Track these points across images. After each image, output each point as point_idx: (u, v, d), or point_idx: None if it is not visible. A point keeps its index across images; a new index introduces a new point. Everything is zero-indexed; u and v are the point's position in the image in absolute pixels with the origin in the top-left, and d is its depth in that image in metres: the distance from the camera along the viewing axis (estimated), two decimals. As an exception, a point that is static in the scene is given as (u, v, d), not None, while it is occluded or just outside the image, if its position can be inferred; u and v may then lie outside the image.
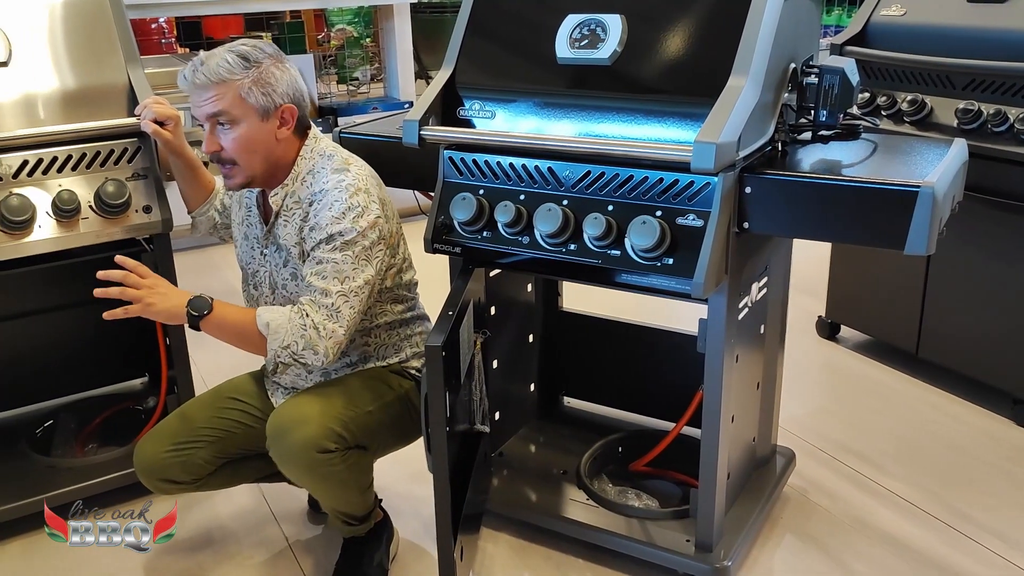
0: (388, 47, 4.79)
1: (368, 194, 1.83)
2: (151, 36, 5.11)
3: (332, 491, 1.91)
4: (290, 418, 1.79)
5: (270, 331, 1.77)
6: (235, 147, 1.81)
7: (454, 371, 1.84)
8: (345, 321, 1.79)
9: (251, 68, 1.78)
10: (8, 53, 2.10)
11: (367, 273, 1.81)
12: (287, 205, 1.89)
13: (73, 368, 2.74)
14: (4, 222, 2.03)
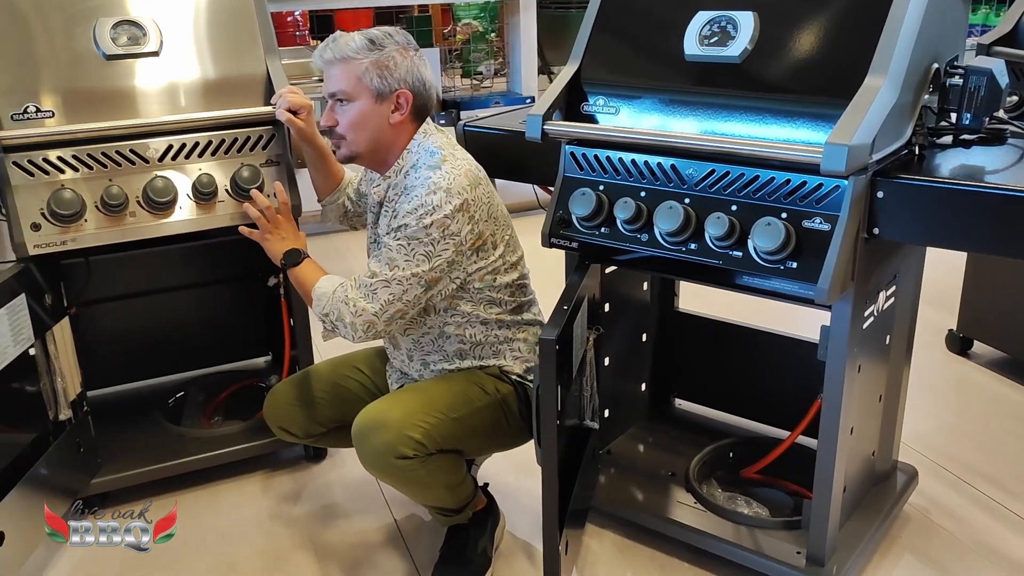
0: (512, 42, 4.83)
1: (448, 193, 1.82)
2: (286, 28, 5.30)
3: (418, 491, 1.96)
4: (371, 422, 1.84)
5: (315, 296, 1.89)
6: (347, 123, 1.91)
7: (566, 366, 1.84)
8: (379, 303, 1.82)
9: (374, 51, 1.86)
10: (160, 44, 2.22)
11: (420, 267, 1.83)
12: (389, 196, 1.95)
13: (204, 344, 2.89)
14: (149, 202, 2.16)
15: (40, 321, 2.15)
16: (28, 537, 2.07)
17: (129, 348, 2.78)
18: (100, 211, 2.13)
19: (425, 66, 1.94)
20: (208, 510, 2.41)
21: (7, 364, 2.00)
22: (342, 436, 2.13)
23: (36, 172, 2.07)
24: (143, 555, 2.22)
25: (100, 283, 2.47)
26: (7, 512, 1.96)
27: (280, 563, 2.19)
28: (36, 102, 2.09)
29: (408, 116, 1.91)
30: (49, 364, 2.22)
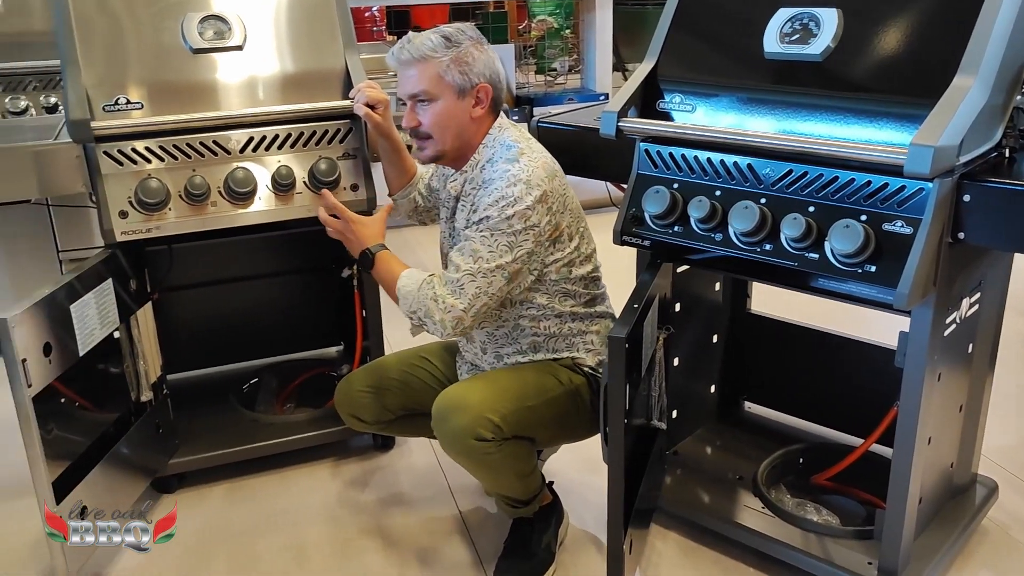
0: (588, 39, 4.81)
1: (527, 185, 1.83)
2: (363, 24, 5.38)
3: (490, 476, 1.98)
4: (452, 403, 1.86)
5: (401, 295, 1.90)
6: (431, 122, 1.92)
7: (636, 365, 1.83)
8: (467, 298, 1.83)
9: (451, 48, 1.88)
10: (244, 38, 2.28)
11: (503, 259, 1.84)
12: (466, 191, 1.97)
13: (278, 332, 2.95)
14: (230, 192, 2.22)
15: (125, 305, 2.23)
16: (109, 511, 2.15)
17: (207, 334, 2.86)
18: (183, 200, 2.20)
19: (496, 59, 1.96)
20: (279, 494, 2.47)
21: (94, 346, 2.08)
22: (411, 425, 2.17)
23: (125, 161, 2.15)
24: (215, 535, 2.29)
25: (181, 270, 2.54)
26: (90, 487, 2.04)
27: (347, 548, 2.23)
28: (126, 94, 2.17)
29: (487, 109, 1.94)
30: (132, 347, 2.31)
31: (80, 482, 2.02)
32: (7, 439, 2.62)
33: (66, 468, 1.99)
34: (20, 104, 3.12)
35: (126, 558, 2.21)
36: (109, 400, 2.27)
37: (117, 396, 2.29)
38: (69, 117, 2.08)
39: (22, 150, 2.24)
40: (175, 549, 2.23)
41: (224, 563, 2.19)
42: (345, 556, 2.20)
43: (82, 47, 2.14)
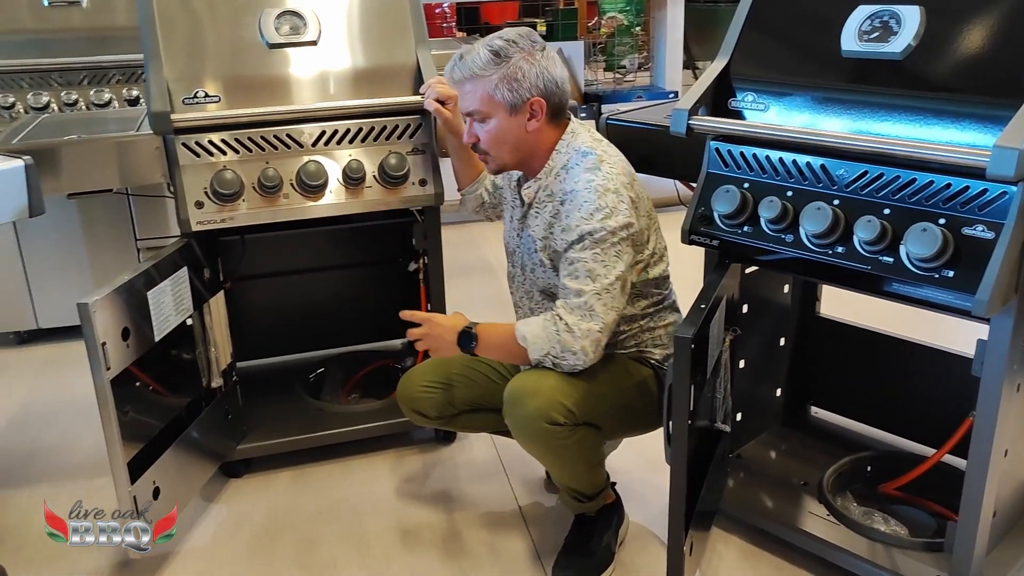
0: (658, 36, 4.77)
1: (618, 194, 1.83)
2: (433, 20, 5.42)
3: (560, 463, 1.96)
4: (524, 388, 1.86)
5: (528, 344, 1.85)
6: (487, 140, 1.92)
7: (701, 366, 1.82)
8: (600, 319, 1.82)
9: (500, 64, 1.85)
10: (318, 34, 2.32)
11: (618, 269, 1.83)
12: (539, 198, 1.96)
13: (345, 323, 3.00)
14: (302, 185, 2.26)
15: (199, 293, 2.29)
16: (180, 493, 2.22)
17: (276, 323, 2.92)
18: (256, 192, 2.25)
19: (554, 63, 1.90)
20: (342, 483, 2.51)
21: (168, 332, 2.14)
22: (473, 420, 2.18)
23: (201, 153, 2.21)
24: (280, 519, 2.34)
25: (253, 260, 2.60)
26: (163, 469, 2.11)
27: (407, 539, 2.26)
28: (204, 87, 2.23)
29: (544, 120, 1.91)
30: (205, 334, 2.37)
31: (153, 464, 2.08)
32: (86, 420, 2.74)
33: (140, 450, 2.06)
34: (104, 96, 3.23)
35: (196, 537, 2.27)
36: (181, 385, 2.33)
37: (189, 382, 2.36)
38: (150, 109, 2.15)
39: (106, 141, 2.32)
40: (244, 531, 2.29)
41: (289, 547, 2.24)
42: (404, 546, 2.23)
43: (164, 42, 2.21)
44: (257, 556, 2.21)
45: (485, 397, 2.14)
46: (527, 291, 2.08)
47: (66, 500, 2.43)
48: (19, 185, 1.99)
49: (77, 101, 3.22)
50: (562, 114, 1.95)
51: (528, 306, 2.09)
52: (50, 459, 2.68)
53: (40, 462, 2.67)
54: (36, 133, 2.42)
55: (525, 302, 2.09)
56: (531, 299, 2.07)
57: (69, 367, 3.24)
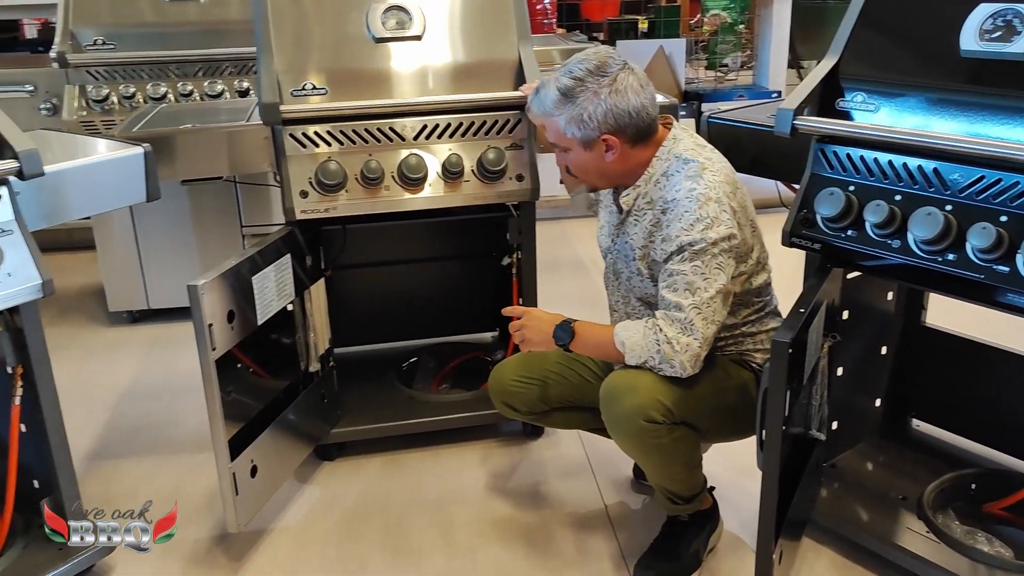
0: (763, 34, 4.67)
1: (719, 203, 1.80)
2: (534, 17, 5.44)
3: (656, 463, 1.94)
4: (622, 385, 1.85)
5: (626, 350, 1.84)
6: (573, 168, 1.95)
7: (797, 371, 1.78)
8: (699, 333, 1.79)
9: (567, 105, 1.84)
10: (423, 28, 2.36)
11: (718, 282, 1.80)
12: (638, 205, 1.93)
13: (438, 314, 3.05)
14: (403, 178, 2.31)
15: (300, 280, 2.37)
16: (276, 472, 2.30)
17: (372, 312, 2.99)
18: (359, 183, 2.30)
19: (624, 95, 1.82)
20: (430, 471, 2.55)
21: (270, 316, 2.22)
22: (563, 417, 2.19)
23: (307, 144, 2.28)
24: (370, 504, 2.39)
25: (353, 250, 2.66)
26: (261, 449, 2.18)
27: (492, 530, 2.28)
28: (312, 80, 2.29)
29: (624, 149, 1.87)
30: (305, 320, 2.44)
31: (252, 443, 2.16)
32: (190, 398, 2.86)
33: (240, 429, 2.14)
34: (217, 88, 3.36)
35: (289, 516, 2.35)
36: (280, 369, 2.41)
37: (287, 365, 2.44)
38: (261, 100, 2.23)
39: (218, 131, 2.41)
40: (335, 513, 2.36)
41: (377, 530, 2.29)
42: (488, 537, 2.25)
43: (276, 35, 2.28)
44: (346, 538, 2.27)
45: (578, 395, 2.14)
46: (623, 296, 2.06)
47: (168, 474, 2.56)
48: (138, 171, 2.09)
49: (192, 92, 3.36)
50: (649, 135, 1.90)
51: (624, 311, 2.07)
52: (156, 434, 2.81)
53: (147, 436, 2.80)
54: (154, 122, 2.53)
55: (621, 306, 2.08)
56: (627, 304, 2.06)
57: (176, 346, 3.39)
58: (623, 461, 2.48)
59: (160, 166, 2.17)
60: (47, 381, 1.94)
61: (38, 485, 2.05)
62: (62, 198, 1.96)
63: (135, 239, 3.47)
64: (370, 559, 2.18)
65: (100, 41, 3.31)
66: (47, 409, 1.94)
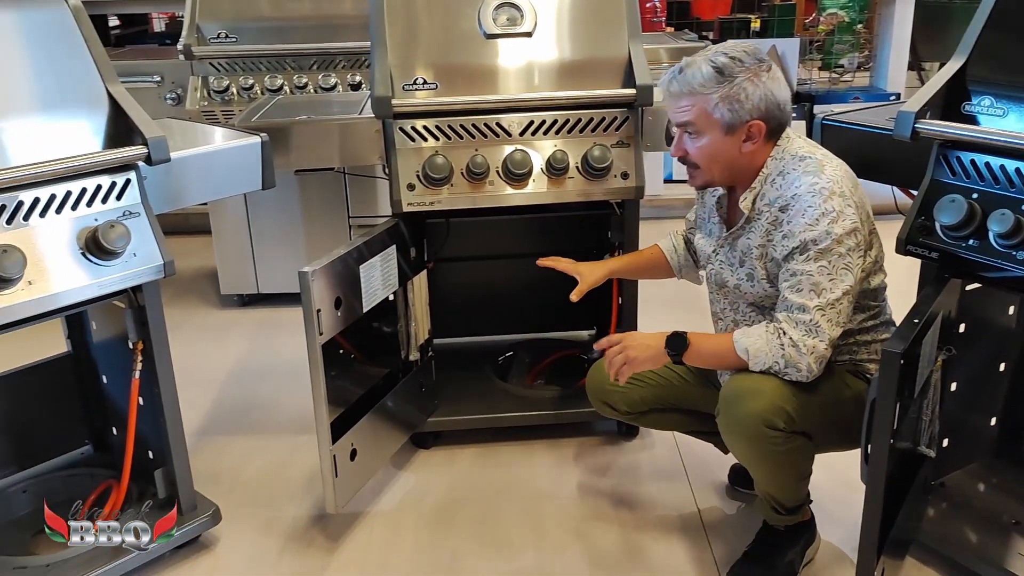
0: (882, 34, 4.50)
1: (843, 198, 1.75)
2: (643, 15, 5.39)
3: (769, 469, 1.90)
4: (745, 388, 1.81)
5: (750, 356, 1.80)
6: (699, 155, 1.86)
7: (908, 383, 1.71)
8: (826, 335, 1.75)
9: (723, 83, 1.77)
10: (534, 25, 2.37)
11: (845, 283, 1.75)
12: (758, 208, 1.87)
13: (536, 310, 3.06)
14: (507, 173, 2.32)
15: (403, 271, 2.42)
16: (374, 457, 2.35)
17: (471, 305, 3.02)
18: (464, 177, 2.33)
19: (778, 84, 1.80)
20: (523, 465, 2.56)
21: (374, 305, 2.27)
22: (662, 419, 2.18)
23: (416, 138, 2.32)
24: (462, 494, 2.42)
25: (455, 243, 2.70)
26: (360, 433, 2.24)
27: (582, 527, 2.28)
28: (423, 75, 2.33)
29: (761, 141, 1.83)
30: (407, 310, 2.49)
31: (352, 427, 2.22)
32: (294, 381, 2.96)
33: (341, 413, 2.20)
34: (330, 81, 3.46)
35: (385, 500, 2.40)
36: (381, 356, 2.47)
37: (388, 354, 2.49)
38: (374, 94, 2.28)
39: (330, 123, 2.48)
40: (428, 500, 2.40)
41: (469, 520, 2.32)
42: (579, 535, 2.25)
43: (390, 30, 2.33)
44: (438, 526, 2.30)
45: (677, 397, 2.12)
46: (731, 303, 2.02)
47: (272, 453, 2.66)
48: (255, 160, 2.17)
49: (307, 84, 3.47)
50: (780, 133, 1.85)
51: (732, 318, 2.03)
52: (262, 414, 2.91)
53: (253, 415, 2.91)
54: (271, 113, 2.62)
55: (729, 314, 2.04)
56: (736, 311, 2.01)
57: (282, 330, 3.51)
58: (718, 465, 2.44)
59: (275, 156, 2.25)
60: (164, 357, 2.04)
61: (152, 456, 2.16)
62: (184, 184, 2.06)
63: (248, 226, 3.61)
64: (461, 548, 2.21)
65: (223, 34, 3.45)
66: (164, 383, 2.04)
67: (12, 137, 1.82)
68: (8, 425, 2.31)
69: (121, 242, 1.84)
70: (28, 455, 2.34)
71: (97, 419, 2.40)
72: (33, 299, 1.75)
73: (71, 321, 2.34)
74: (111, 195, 1.87)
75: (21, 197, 1.75)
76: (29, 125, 1.85)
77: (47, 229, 1.79)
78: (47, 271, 1.77)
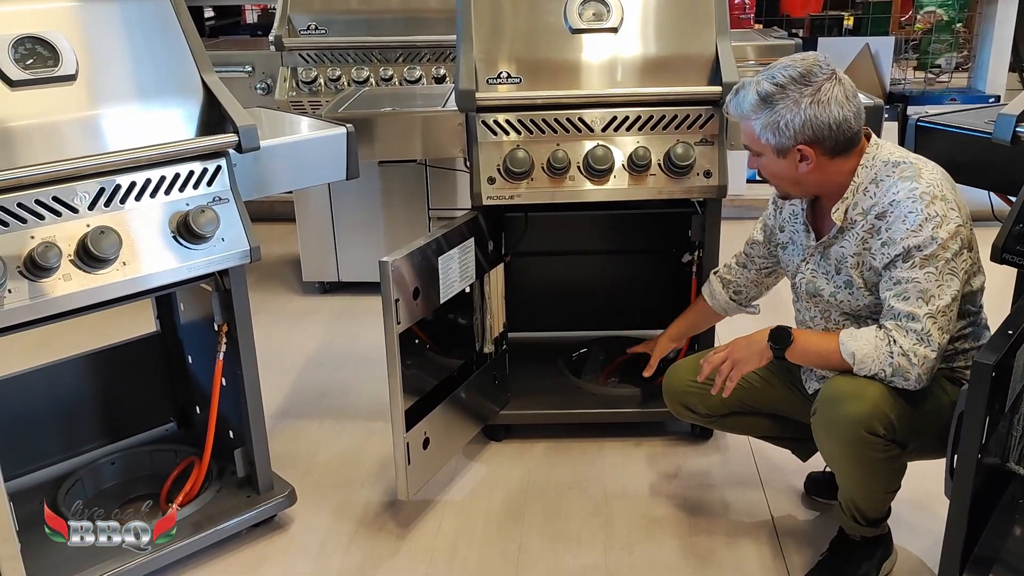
0: (983, 34, 4.34)
1: (946, 201, 1.70)
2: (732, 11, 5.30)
3: (860, 476, 1.85)
4: (848, 391, 1.77)
5: (856, 361, 1.77)
6: (765, 173, 1.87)
7: (1000, 397, 1.64)
8: (936, 344, 1.71)
9: (765, 109, 1.76)
10: (620, 20, 2.36)
11: (953, 288, 1.70)
12: (851, 218, 1.82)
13: (612, 307, 3.04)
14: (588, 169, 2.32)
15: (481, 264, 2.43)
16: (446, 447, 2.38)
17: (547, 299, 3.02)
18: (545, 172, 2.33)
19: (825, 106, 1.73)
20: (594, 462, 2.56)
21: (451, 297, 2.29)
22: (741, 423, 2.15)
23: (498, 131, 2.33)
24: (532, 487, 2.43)
25: (533, 237, 2.70)
26: (434, 422, 2.27)
27: (652, 529, 2.26)
28: (507, 69, 2.34)
29: (821, 160, 1.78)
30: (483, 302, 2.51)
31: (426, 416, 2.24)
32: (370, 368, 3.01)
33: (416, 402, 2.23)
34: (415, 73, 3.50)
35: (455, 491, 2.43)
36: (457, 347, 2.49)
37: (463, 345, 2.51)
38: (458, 87, 2.30)
39: (414, 115, 2.51)
40: (499, 492, 2.41)
41: (538, 514, 2.32)
42: (648, 534, 2.24)
43: (476, 24, 2.35)
44: (508, 518, 2.31)
45: (758, 400, 2.09)
46: (822, 311, 1.97)
47: (347, 439, 2.72)
48: (340, 150, 2.21)
49: (392, 77, 3.52)
50: (850, 148, 1.80)
51: (823, 327, 1.98)
52: (338, 399, 2.97)
53: (329, 400, 2.97)
54: (356, 104, 2.67)
55: (820, 322, 1.98)
56: (827, 319, 1.96)
57: (360, 318, 3.57)
58: (794, 473, 2.39)
59: (360, 146, 2.29)
60: (248, 340, 2.10)
61: (233, 436, 2.23)
62: (271, 172, 2.11)
63: (331, 215, 3.68)
64: (529, 541, 2.22)
65: (313, 26, 3.53)
66: (246, 366, 2.10)
67: (111, 123, 1.89)
68: (98, 400, 2.41)
69: (210, 227, 1.90)
70: (117, 429, 2.44)
71: (182, 398, 2.49)
72: (126, 279, 1.82)
73: (160, 302, 2.43)
74: (202, 181, 1.93)
75: (118, 181, 1.82)
76: (128, 112, 1.92)
77: (141, 212, 1.86)
78: (140, 253, 1.84)
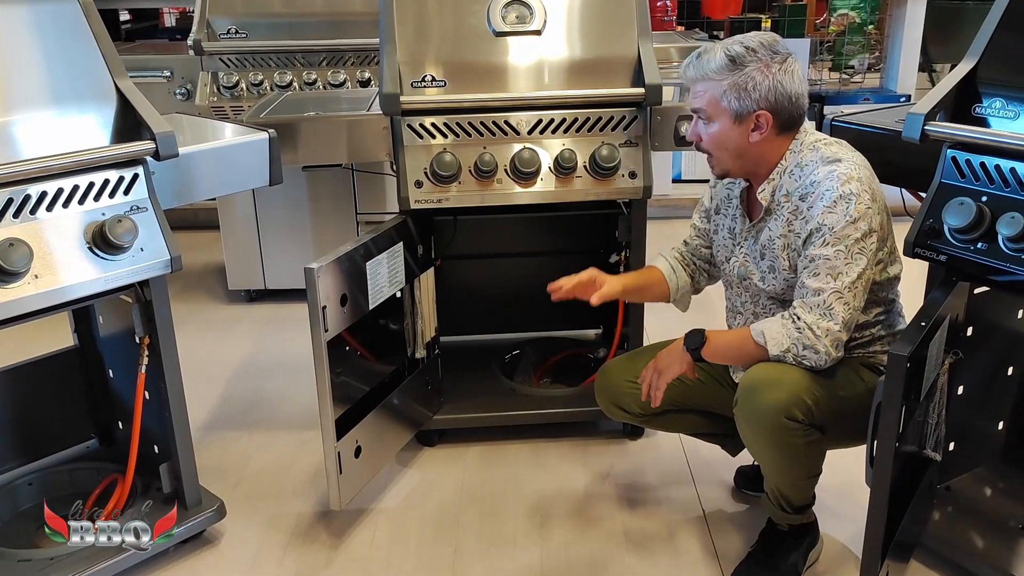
0: (893, 35, 4.49)
1: (860, 182, 1.75)
2: (654, 14, 5.38)
3: (783, 463, 1.89)
4: (766, 378, 1.81)
5: (767, 339, 1.81)
6: (710, 142, 1.88)
7: (915, 387, 1.70)
8: (839, 318, 1.76)
9: (734, 72, 1.79)
10: (543, 23, 2.37)
11: (859, 266, 1.76)
12: (777, 200, 1.88)
13: (542, 308, 3.01)
14: (515, 172, 2.32)
15: (411, 268, 2.41)
16: (378, 454, 2.36)
17: (478, 303, 3.02)
18: (472, 175, 2.33)
19: (791, 77, 1.80)
20: (527, 464, 2.56)
21: (381, 302, 2.27)
22: (675, 421, 2.17)
23: (424, 135, 2.32)
24: (468, 491, 2.42)
25: (462, 241, 2.70)
26: (365, 430, 2.24)
27: (587, 527, 2.27)
28: (432, 72, 2.33)
29: (770, 133, 1.83)
30: (413, 307, 2.49)
31: (357, 424, 2.22)
32: (299, 378, 2.96)
33: (347, 410, 2.21)
34: (339, 77, 3.46)
35: (389, 498, 2.40)
36: (388, 353, 2.47)
37: (394, 351, 2.49)
38: (382, 91, 2.28)
39: (339, 119, 2.48)
40: (433, 498, 2.40)
41: (473, 518, 2.32)
42: (583, 533, 2.25)
43: (399, 27, 2.33)
44: (443, 523, 2.30)
45: (689, 398, 2.11)
46: (752, 296, 2.01)
47: (277, 449, 2.66)
48: (263, 156, 2.17)
49: (316, 81, 3.47)
50: (794, 127, 1.86)
51: (752, 311, 2.02)
52: (268, 409, 2.92)
53: (260, 411, 2.91)
54: (279, 109, 2.63)
55: (749, 307, 2.03)
56: (756, 303, 2.01)
57: (289, 326, 3.51)
58: (724, 467, 2.44)
59: (283, 152, 2.25)
60: (171, 352, 2.04)
61: (157, 450, 2.17)
62: (192, 179, 2.06)
63: (256, 221, 3.61)
64: (465, 545, 2.21)
65: (233, 30, 3.46)
66: (170, 378, 2.05)
67: (20, 130, 1.82)
68: (14, 418, 2.32)
69: (128, 237, 1.84)
70: (34, 448, 2.35)
71: (103, 413, 2.41)
72: (39, 293, 1.75)
73: (78, 315, 2.35)
74: (119, 190, 1.88)
75: (28, 191, 1.75)
76: (37, 119, 1.85)
77: (54, 223, 1.79)
78: (54, 265, 1.78)
